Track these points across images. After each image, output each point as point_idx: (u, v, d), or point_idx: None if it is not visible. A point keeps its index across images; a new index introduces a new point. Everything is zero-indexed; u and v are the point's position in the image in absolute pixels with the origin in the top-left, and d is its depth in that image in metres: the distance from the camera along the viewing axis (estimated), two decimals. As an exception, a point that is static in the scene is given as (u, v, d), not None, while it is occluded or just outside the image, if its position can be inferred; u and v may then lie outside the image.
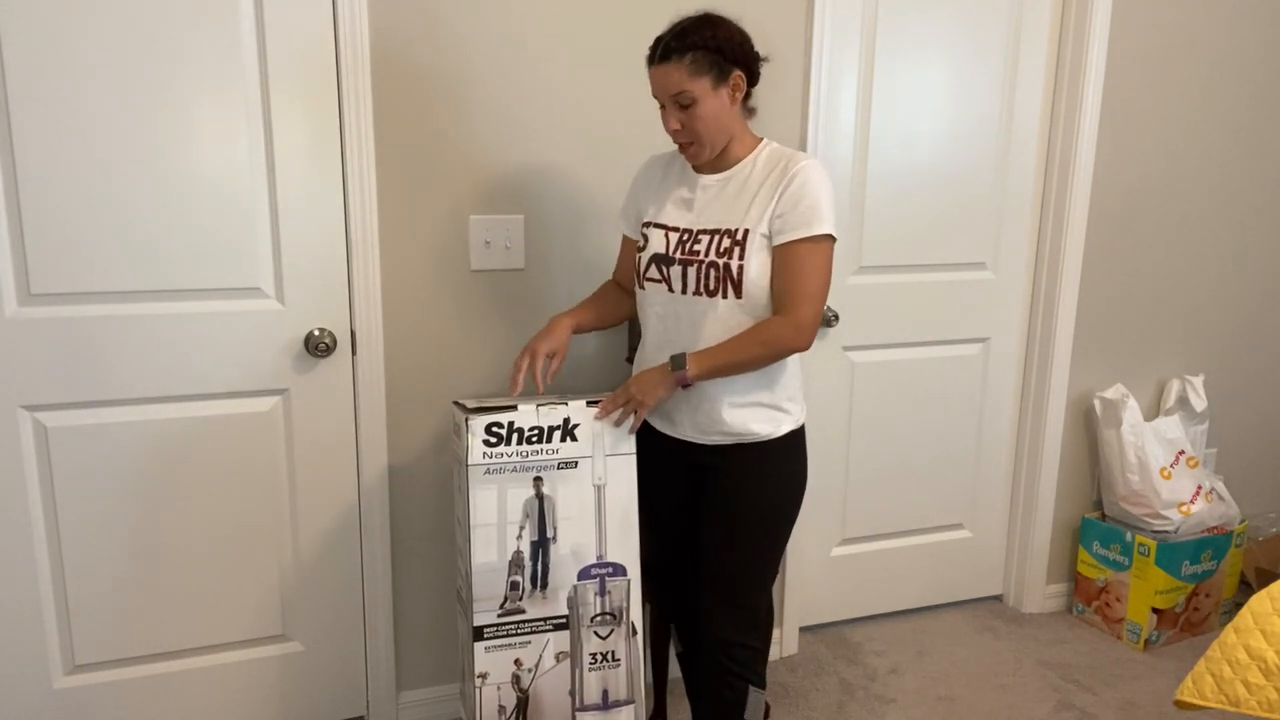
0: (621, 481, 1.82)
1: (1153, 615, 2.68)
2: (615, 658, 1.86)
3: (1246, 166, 2.86)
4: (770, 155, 1.76)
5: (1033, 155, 2.68)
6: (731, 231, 1.72)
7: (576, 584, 1.82)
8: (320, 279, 2.04)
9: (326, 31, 1.95)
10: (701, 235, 1.75)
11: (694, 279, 1.74)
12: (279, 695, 2.20)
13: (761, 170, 1.74)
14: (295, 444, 2.09)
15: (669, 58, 1.66)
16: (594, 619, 1.84)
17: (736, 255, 1.70)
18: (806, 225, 1.66)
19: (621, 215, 1.97)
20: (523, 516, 1.78)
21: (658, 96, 1.72)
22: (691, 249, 1.75)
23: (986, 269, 2.71)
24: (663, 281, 1.80)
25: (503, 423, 1.75)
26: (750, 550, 1.80)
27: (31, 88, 1.78)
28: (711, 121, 1.70)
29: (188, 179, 1.91)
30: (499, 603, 1.79)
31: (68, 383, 1.90)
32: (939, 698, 2.45)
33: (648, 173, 1.91)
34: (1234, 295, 2.95)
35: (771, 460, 1.79)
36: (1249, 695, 1.62)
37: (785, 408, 1.79)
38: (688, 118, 1.69)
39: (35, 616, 1.97)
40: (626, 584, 1.85)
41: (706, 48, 1.66)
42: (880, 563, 2.80)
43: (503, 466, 1.76)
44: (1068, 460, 2.86)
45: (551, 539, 1.80)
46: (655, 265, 1.80)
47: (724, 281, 1.71)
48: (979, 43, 2.54)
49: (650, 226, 1.83)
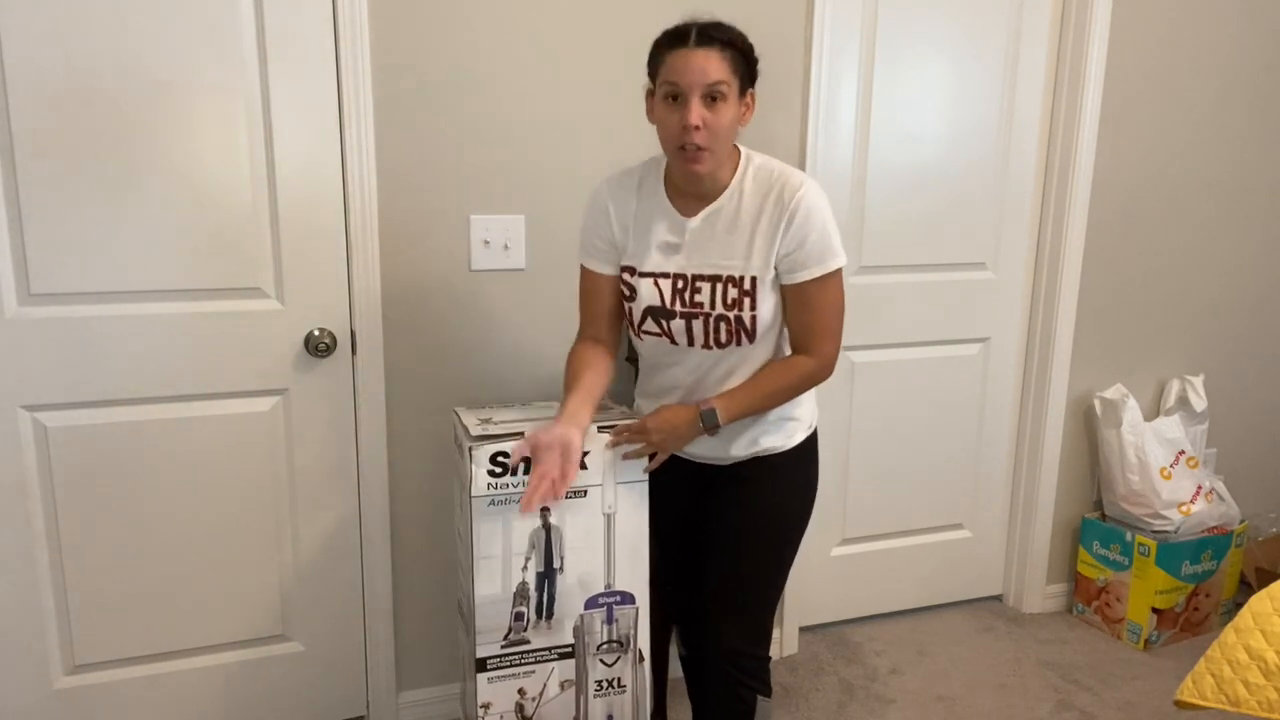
0: (632, 509, 1.74)
1: (1153, 615, 2.68)
2: (621, 684, 1.81)
3: (1247, 166, 2.86)
4: (757, 178, 1.60)
5: (1033, 155, 2.68)
6: (736, 280, 1.59)
7: (583, 613, 1.75)
8: (320, 279, 2.04)
9: (327, 30, 1.94)
10: (700, 283, 1.61)
11: (701, 333, 1.63)
12: (279, 695, 2.19)
13: (752, 199, 1.59)
14: (295, 444, 2.09)
15: (709, 43, 1.50)
16: (600, 647, 1.78)
17: (747, 306, 1.59)
18: (818, 263, 1.58)
19: (581, 250, 1.74)
20: (528, 548, 1.70)
21: (681, 84, 1.51)
22: (692, 300, 1.62)
23: (986, 269, 2.71)
24: (663, 335, 1.67)
25: (508, 452, 1.66)
26: (761, 561, 1.74)
27: (31, 87, 1.78)
28: (727, 131, 1.54)
29: (188, 178, 1.91)
30: (503, 634, 1.72)
31: (68, 383, 1.90)
32: (939, 698, 2.45)
33: (616, 196, 1.69)
34: (1234, 295, 2.95)
35: (784, 471, 1.74)
36: (1249, 695, 1.62)
37: (796, 416, 1.74)
38: (712, 116, 1.52)
39: (35, 616, 1.97)
40: (634, 611, 1.79)
41: (739, 49, 1.54)
42: (880, 563, 2.80)
43: (508, 498, 1.67)
44: (1068, 460, 2.86)
45: (558, 569, 1.72)
46: (651, 318, 1.67)
47: (737, 334, 1.62)
48: (979, 43, 2.54)
49: (636, 275, 1.67)
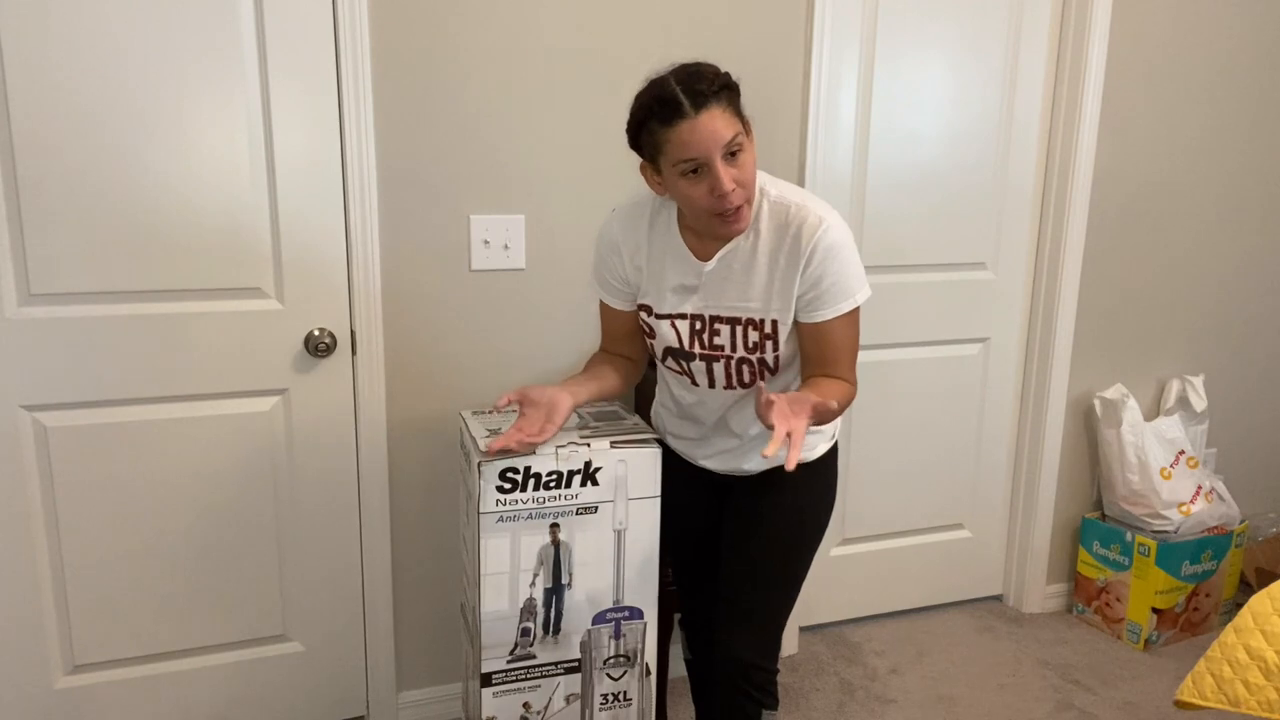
0: (643, 525, 1.73)
1: (1153, 615, 2.68)
2: (627, 698, 1.80)
3: (1247, 166, 2.86)
4: (774, 214, 1.52)
5: (1033, 155, 2.68)
6: (757, 323, 1.55)
7: (591, 628, 1.74)
8: (320, 279, 2.04)
9: (327, 29, 1.94)
10: (719, 324, 1.57)
11: (723, 375, 1.60)
12: (279, 695, 2.19)
13: (769, 238, 1.52)
14: (295, 444, 2.09)
15: (707, 103, 1.38)
16: (607, 661, 1.77)
17: (769, 349, 1.56)
18: (834, 304, 1.52)
19: (596, 282, 1.72)
20: (536, 564, 1.68)
21: (700, 155, 1.40)
22: (712, 343, 1.58)
23: (986, 269, 2.71)
24: (684, 374, 1.65)
25: (518, 468, 1.63)
26: (773, 572, 1.69)
27: (31, 86, 1.78)
28: (753, 173, 1.46)
29: (188, 178, 1.91)
30: (509, 649, 1.71)
31: (68, 383, 1.90)
32: (939, 698, 2.45)
33: (627, 234, 1.64)
34: (1234, 295, 2.95)
35: (802, 483, 1.70)
36: (1249, 695, 1.62)
37: (819, 428, 1.70)
38: (740, 171, 1.42)
39: (35, 616, 1.97)
40: (643, 627, 1.77)
41: (728, 87, 1.43)
42: (880, 563, 2.80)
43: (516, 514, 1.65)
44: (1068, 460, 2.86)
45: (566, 585, 1.71)
46: (672, 359, 1.64)
47: (759, 373, 1.59)
48: (979, 42, 2.54)
49: (653, 316, 1.63)
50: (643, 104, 1.44)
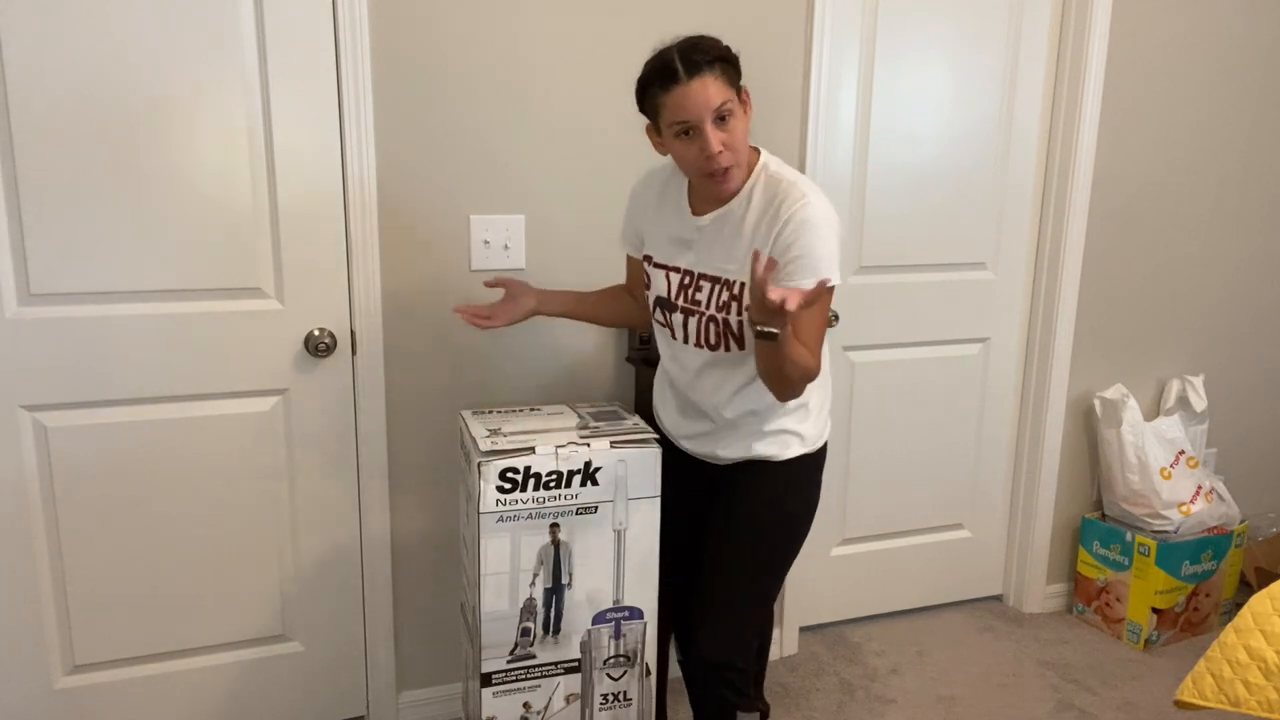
0: (643, 525, 1.74)
1: (1153, 615, 2.68)
2: (627, 698, 1.81)
3: (1247, 166, 2.86)
4: (768, 186, 1.62)
5: (1033, 155, 2.68)
6: (729, 283, 1.63)
7: (590, 628, 1.75)
8: (320, 279, 2.04)
9: (327, 29, 1.94)
10: (703, 282, 1.67)
11: (694, 331, 1.68)
12: (279, 695, 2.19)
13: (757, 206, 1.62)
14: (295, 444, 2.09)
15: (700, 71, 1.51)
16: (607, 661, 1.78)
17: (734, 310, 1.63)
18: (800, 277, 1.55)
19: (622, 237, 1.90)
20: (536, 564, 1.70)
21: (691, 119, 1.53)
22: (693, 297, 1.68)
23: (986, 269, 2.71)
24: (666, 326, 1.74)
25: (518, 468, 1.65)
26: (740, 570, 1.72)
27: (32, 87, 1.78)
28: (743, 139, 1.58)
29: (188, 178, 1.91)
30: (509, 649, 1.72)
31: (68, 383, 1.90)
32: (939, 698, 2.45)
33: (645, 191, 1.81)
34: (1234, 295, 2.95)
35: (773, 483, 1.73)
36: (1249, 695, 1.62)
37: (794, 429, 1.73)
38: (729, 135, 1.55)
39: (35, 616, 1.97)
40: (643, 627, 1.78)
41: (725, 59, 1.55)
42: (880, 563, 2.80)
43: (517, 514, 1.67)
44: (1068, 460, 2.86)
45: (566, 585, 1.72)
46: (660, 309, 1.74)
47: (724, 337, 1.66)
48: (979, 42, 2.54)
49: (652, 265, 1.76)
50: (647, 70, 1.59)
